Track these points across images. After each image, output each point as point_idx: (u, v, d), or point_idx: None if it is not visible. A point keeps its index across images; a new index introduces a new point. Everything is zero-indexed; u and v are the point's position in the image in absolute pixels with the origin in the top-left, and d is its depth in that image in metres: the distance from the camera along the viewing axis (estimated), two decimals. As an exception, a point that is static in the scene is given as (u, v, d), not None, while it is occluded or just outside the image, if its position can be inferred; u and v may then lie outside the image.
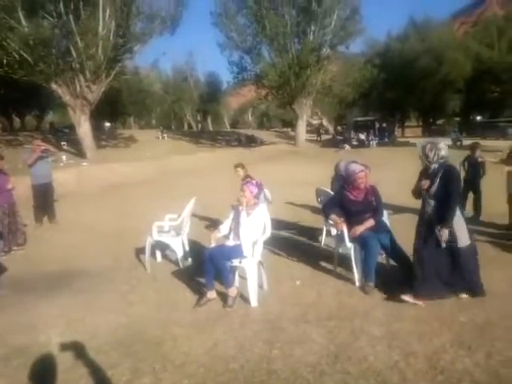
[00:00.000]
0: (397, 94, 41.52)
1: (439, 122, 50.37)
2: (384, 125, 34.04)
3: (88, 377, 3.07)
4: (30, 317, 4.12)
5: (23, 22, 17.63)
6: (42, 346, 3.52)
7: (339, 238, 4.91)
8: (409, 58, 39.82)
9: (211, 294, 4.29)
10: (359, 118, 35.45)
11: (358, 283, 4.58)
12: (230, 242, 4.54)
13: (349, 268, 4.83)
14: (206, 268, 4.32)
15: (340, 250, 5.04)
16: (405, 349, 3.26)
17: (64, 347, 3.47)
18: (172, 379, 3.00)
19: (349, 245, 4.66)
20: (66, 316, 4.12)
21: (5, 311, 4.31)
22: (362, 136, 30.40)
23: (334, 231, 5.02)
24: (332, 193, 5.85)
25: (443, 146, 4.07)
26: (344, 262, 4.98)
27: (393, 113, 46.22)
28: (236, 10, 29.35)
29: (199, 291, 4.54)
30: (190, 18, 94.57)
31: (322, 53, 29.29)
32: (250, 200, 4.56)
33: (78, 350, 3.43)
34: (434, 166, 4.03)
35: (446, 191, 3.92)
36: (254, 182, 4.87)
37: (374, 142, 29.74)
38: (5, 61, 18.24)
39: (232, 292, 4.25)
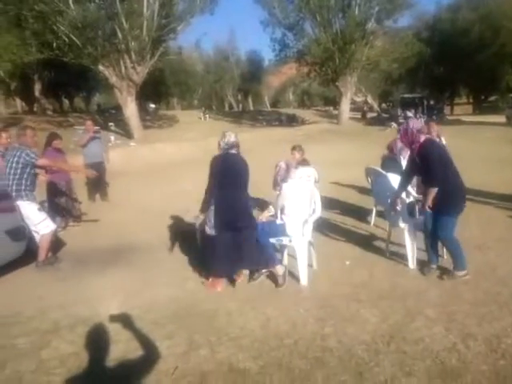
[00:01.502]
0: (446, 69, 39.44)
1: (491, 98, 47.51)
2: (432, 102, 32.60)
3: (146, 347, 3.21)
4: (89, 289, 4.34)
5: (71, 5, 18.10)
6: (103, 317, 3.71)
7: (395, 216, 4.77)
8: (460, 29, 37.49)
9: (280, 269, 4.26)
10: (406, 95, 33.99)
11: (411, 264, 4.48)
12: (278, 221, 4.57)
13: (400, 248, 4.74)
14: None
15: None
16: (463, 331, 3.18)
17: (123, 319, 3.64)
18: (227, 352, 3.08)
19: (402, 225, 4.56)
20: (123, 289, 4.32)
21: (66, 283, 4.57)
22: (410, 113, 29.23)
23: (399, 206, 4.63)
24: (382, 172, 5.69)
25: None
26: (395, 242, 4.89)
27: (441, 89, 44.07)
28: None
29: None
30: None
31: (368, 27, 28.22)
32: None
33: (135, 321, 3.59)
34: None
35: None
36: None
37: (422, 120, 28.56)
38: (55, 44, 18.91)
39: (279, 270, 4.22)
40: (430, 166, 3.96)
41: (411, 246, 4.49)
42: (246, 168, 4.21)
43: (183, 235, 5.91)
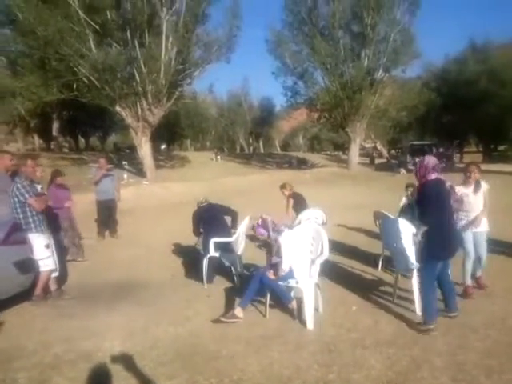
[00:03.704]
0: (455, 118, 39.99)
1: (501, 147, 47.75)
2: (441, 150, 32.83)
3: (147, 386, 3.17)
4: (93, 325, 4.33)
5: (93, 49, 19.05)
6: (106, 353, 3.69)
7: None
8: (468, 80, 38.38)
9: (239, 312, 4.30)
10: (416, 142, 34.37)
11: (418, 311, 4.38)
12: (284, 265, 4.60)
13: (408, 295, 4.68)
14: (250, 286, 4.42)
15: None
16: (471, 382, 3.09)
17: (126, 355, 3.62)
18: (229, 394, 3.03)
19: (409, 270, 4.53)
20: (128, 326, 4.30)
21: (72, 317, 4.56)
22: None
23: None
24: (391, 216, 5.72)
25: None
26: (403, 288, 4.84)
27: (450, 137, 44.48)
28: (290, 37, 30.00)
29: (254, 308, 4.57)
30: (247, 46, 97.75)
31: (377, 76, 29.11)
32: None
33: (138, 359, 3.55)
34: None
35: None
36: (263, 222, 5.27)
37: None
38: (75, 85, 19.75)
39: (293, 305, 4.43)
40: (424, 202, 4.00)
41: (419, 293, 4.42)
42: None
43: (188, 273, 5.91)
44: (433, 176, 4.01)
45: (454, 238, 4.17)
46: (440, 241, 3.97)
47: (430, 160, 4.08)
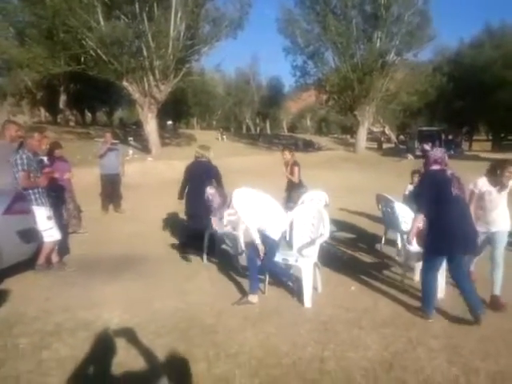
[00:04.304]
0: (466, 104, 39.34)
1: (511, 137, 47.08)
2: (450, 136, 32.45)
3: (144, 357, 3.20)
4: (94, 295, 4.38)
5: (101, 21, 18.79)
6: (105, 323, 3.74)
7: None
8: (482, 65, 37.58)
9: (252, 298, 4.24)
10: (424, 128, 33.94)
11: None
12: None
13: (407, 277, 4.69)
14: (250, 269, 4.40)
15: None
16: (466, 365, 3.11)
17: (124, 326, 3.67)
18: (225, 367, 3.06)
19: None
20: (128, 297, 4.35)
21: (73, 287, 4.62)
22: (427, 146, 29.03)
23: (414, 246, 4.33)
24: (393, 200, 5.68)
25: None
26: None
27: (460, 124, 43.92)
28: (302, 15, 29.41)
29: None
30: (257, 23, 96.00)
31: (388, 59, 28.57)
32: None
33: (136, 330, 3.59)
34: None
35: None
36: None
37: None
38: (82, 58, 19.57)
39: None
40: (421, 191, 3.98)
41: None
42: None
43: (190, 248, 5.94)
44: (435, 167, 3.96)
45: (460, 232, 3.76)
46: (438, 233, 3.79)
47: (436, 152, 4.02)
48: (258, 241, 4.19)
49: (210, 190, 5.03)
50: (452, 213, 3.80)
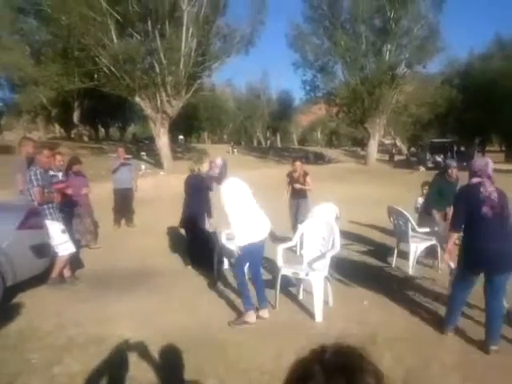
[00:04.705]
0: (477, 115, 39.02)
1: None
2: (462, 148, 32.15)
3: (155, 372, 3.20)
4: (106, 310, 4.40)
5: (114, 39, 19.22)
6: (117, 338, 3.74)
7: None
8: (493, 77, 37.38)
9: (248, 317, 4.12)
10: (436, 140, 33.72)
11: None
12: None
13: (421, 291, 4.62)
14: (238, 286, 4.41)
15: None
16: (482, 381, 3.04)
17: (136, 341, 3.66)
18: (236, 383, 3.04)
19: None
20: (139, 312, 4.36)
21: (85, 302, 4.65)
22: (439, 158, 28.86)
23: (451, 265, 4.04)
24: (405, 212, 5.64)
25: None
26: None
27: (472, 136, 43.49)
28: (311, 31, 29.69)
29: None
30: (267, 38, 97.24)
31: (398, 71, 28.61)
32: None
33: (148, 345, 3.59)
34: None
35: None
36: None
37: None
38: (95, 75, 19.98)
39: (250, 315, 4.15)
40: (454, 205, 3.84)
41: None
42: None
43: (202, 263, 5.95)
44: (474, 180, 3.67)
45: (491, 248, 3.48)
46: (468, 249, 3.63)
47: (477, 162, 3.78)
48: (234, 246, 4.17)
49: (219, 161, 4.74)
50: (482, 231, 3.56)
